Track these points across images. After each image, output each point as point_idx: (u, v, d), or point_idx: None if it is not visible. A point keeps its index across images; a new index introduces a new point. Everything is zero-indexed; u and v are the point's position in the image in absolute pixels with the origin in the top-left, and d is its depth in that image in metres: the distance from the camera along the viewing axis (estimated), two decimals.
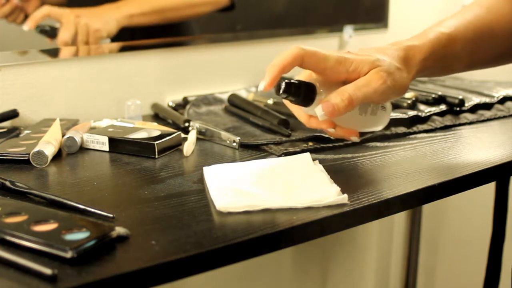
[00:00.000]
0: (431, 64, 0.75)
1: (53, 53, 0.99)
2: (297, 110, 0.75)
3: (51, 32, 0.97)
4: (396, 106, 0.96)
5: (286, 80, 0.68)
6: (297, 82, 0.69)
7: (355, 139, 0.76)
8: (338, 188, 0.65)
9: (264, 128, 0.89)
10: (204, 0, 1.13)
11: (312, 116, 0.73)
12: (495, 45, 0.81)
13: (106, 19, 1.02)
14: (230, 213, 0.61)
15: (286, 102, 0.73)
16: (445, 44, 0.76)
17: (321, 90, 0.70)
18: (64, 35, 0.98)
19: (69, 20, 0.98)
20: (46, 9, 0.97)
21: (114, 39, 1.04)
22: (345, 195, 0.63)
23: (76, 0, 1.00)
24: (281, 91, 0.68)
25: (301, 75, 0.73)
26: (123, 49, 1.05)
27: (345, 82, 0.70)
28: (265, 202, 0.62)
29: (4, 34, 0.95)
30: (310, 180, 0.69)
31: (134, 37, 1.07)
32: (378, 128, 0.79)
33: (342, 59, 0.70)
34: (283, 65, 0.67)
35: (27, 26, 0.95)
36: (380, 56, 0.71)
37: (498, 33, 0.80)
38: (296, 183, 0.68)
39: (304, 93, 0.69)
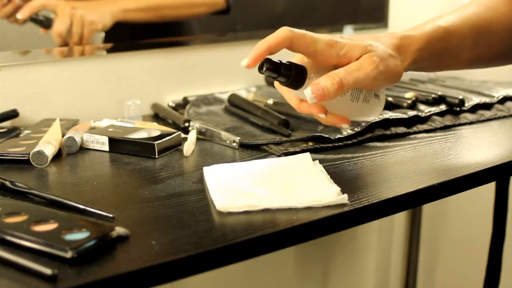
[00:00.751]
0: (426, 55, 0.75)
1: (54, 53, 0.99)
2: (288, 94, 0.73)
3: (46, 23, 0.97)
4: (396, 106, 0.96)
5: (276, 60, 0.67)
6: (287, 63, 0.68)
7: (346, 126, 0.74)
8: (338, 188, 0.65)
9: (264, 128, 0.89)
10: (200, 1, 1.13)
11: (303, 100, 0.71)
12: (493, 43, 0.81)
13: (101, 12, 1.02)
14: (230, 213, 0.61)
15: (277, 84, 0.72)
16: (441, 37, 0.76)
17: (312, 74, 0.69)
18: (59, 26, 0.98)
19: (64, 11, 0.98)
20: (42, 0, 0.97)
21: (114, 39, 1.04)
22: (345, 195, 0.63)
23: None
24: (264, 69, 0.67)
25: (293, 59, 0.72)
26: (123, 49, 1.05)
27: (336, 67, 0.69)
28: (265, 202, 0.62)
29: (4, 34, 0.95)
30: (310, 180, 0.69)
31: (134, 37, 1.07)
32: (371, 117, 0.78)
33: (332, 42, 0.69)
34: (270, 45, 0.66)
35: (22, 14, 0.95)
36: (374, 42, 0.71)
37: (496, 31, 0.80)
38: (296, 183, 0.68)
39: (294, 74, 0.68)
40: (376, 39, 0.72)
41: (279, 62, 0.67)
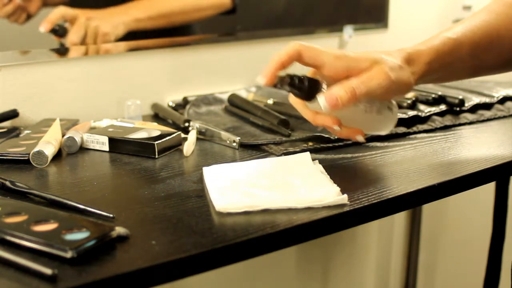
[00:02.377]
0: (436, 67, 0.75)
1: (54, 53, 0.99)
2: (303, 108, 0.75)
3: (60, 32, 0.98)
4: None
5: (290, 74, 0.70)
6: (301, 76, 0.70)
7: (360, 138, 0.76)
8: (338, 189, 0.65)
9: (264, 128, 0.89)
10: (208, 4, 1.14)
11: (318, 113, 0.73)
12: (503, 50, 0.81)
13: (115, 23, 1.03)
14: (229, 214, 0.61)
15: (291, 98, 0.74)
16: (451, 49, 0.76)
17: (325, 87, 0.71)
18: (73, 36, 0.99)
19: (80, 22, 0.99)
20: (62, 10, 0.98)
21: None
22: (345, 196, 0.63)
23: (79, 0, 1.00)
24: (279, 83, 0.70)
25: (308, 74, 0.74)
26: (123, 49, 1.05)
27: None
28: (264, 202, 0.62)
29: (4, 34, 0.95)
30: (310, 180, 0.69)
31: (134, 37, 1.07)
32: (384, 130, 0.80)
33: (341, 55, 0.71)
34: (281, 60, 0.70)
35: (44, 27, 0.96)
36: (384, 55, 0.72)
37: (506, 38, 0.80)
38: (296, 183, 0.68)
39: (308, 86, 0.70)
40: (386, 53, 0.73)
41: (292, 75, 0.69)
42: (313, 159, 0.75)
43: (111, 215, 0.60)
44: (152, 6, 1.07)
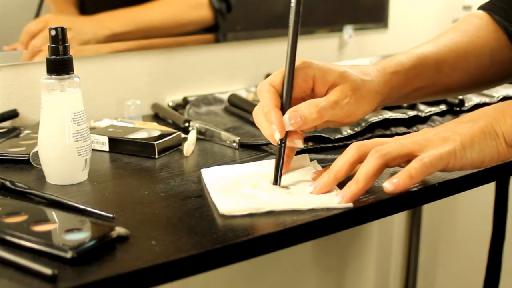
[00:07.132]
0: (401, 80, 0.75)
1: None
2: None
3: None
4: (396, 106, 0.96)
5: None
6: None
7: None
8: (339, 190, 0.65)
9: None
10: (189, 20, 1.13)
11: None
12: (470, 68, 0.81)
13: (87, 30, 1.01)
14: (233, 216, 0.60)
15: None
16: (417, 63, 0.76)
17: None
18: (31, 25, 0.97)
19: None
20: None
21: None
22: None
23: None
24: None
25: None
26: (123, 49, 1.05)
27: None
28: (269, 204, 0.62)
29: (5, 34, 0.95)
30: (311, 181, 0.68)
31: (134, 37, 1.07)
32: None
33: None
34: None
35: None
36: (347, 69, 0.71)
37: (472, 57, 0.81)
38: (298, 185, 0.67)
39: None
40: (349, 67, 0.72)
41: None
42: (313, 159, 0.75)
43: (111, 215, 0.60)
44: (131, 20, 1.06)
